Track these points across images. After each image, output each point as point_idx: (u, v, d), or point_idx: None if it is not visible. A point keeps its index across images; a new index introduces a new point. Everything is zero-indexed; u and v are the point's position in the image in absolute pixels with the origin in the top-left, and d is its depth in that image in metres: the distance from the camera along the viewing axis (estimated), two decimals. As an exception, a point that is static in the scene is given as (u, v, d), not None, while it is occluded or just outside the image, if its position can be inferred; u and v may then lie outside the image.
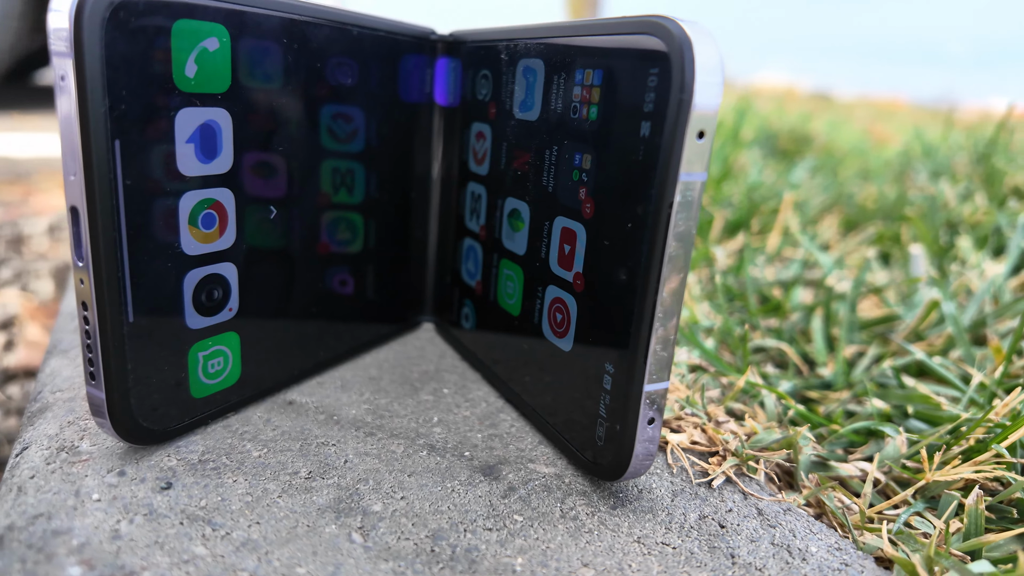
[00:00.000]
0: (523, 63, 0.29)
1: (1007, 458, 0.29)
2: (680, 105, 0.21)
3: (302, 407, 0.31)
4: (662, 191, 0.22)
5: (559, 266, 0.28)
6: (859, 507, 0.28)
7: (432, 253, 0.40)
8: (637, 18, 0.23)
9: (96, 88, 0.21)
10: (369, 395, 0.33)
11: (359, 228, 0.34)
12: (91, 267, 0.23)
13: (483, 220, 0.34)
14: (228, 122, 0.26)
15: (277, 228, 0.30)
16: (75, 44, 0.21)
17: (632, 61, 0.23)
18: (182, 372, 0.27)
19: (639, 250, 0.23)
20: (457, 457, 0.28)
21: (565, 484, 0.27)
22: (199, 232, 0.26)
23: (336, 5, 0.31)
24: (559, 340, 0.28)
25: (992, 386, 0.38)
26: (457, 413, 0.32)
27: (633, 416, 0.24)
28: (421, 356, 0.38)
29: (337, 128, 0.32)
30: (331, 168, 0.32)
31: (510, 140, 0.31)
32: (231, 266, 0.28)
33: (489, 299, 0.34)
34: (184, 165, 0.25)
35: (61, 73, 0.21)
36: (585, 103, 0.26)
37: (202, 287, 0.27)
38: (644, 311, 0.23)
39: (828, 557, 0.25)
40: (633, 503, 0.26)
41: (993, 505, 0.29)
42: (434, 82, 0.37)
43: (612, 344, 0.25)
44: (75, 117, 0.21)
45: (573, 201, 0.27)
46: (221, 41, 0.25)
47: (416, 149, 0.37)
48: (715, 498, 0.27)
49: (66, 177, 0.22)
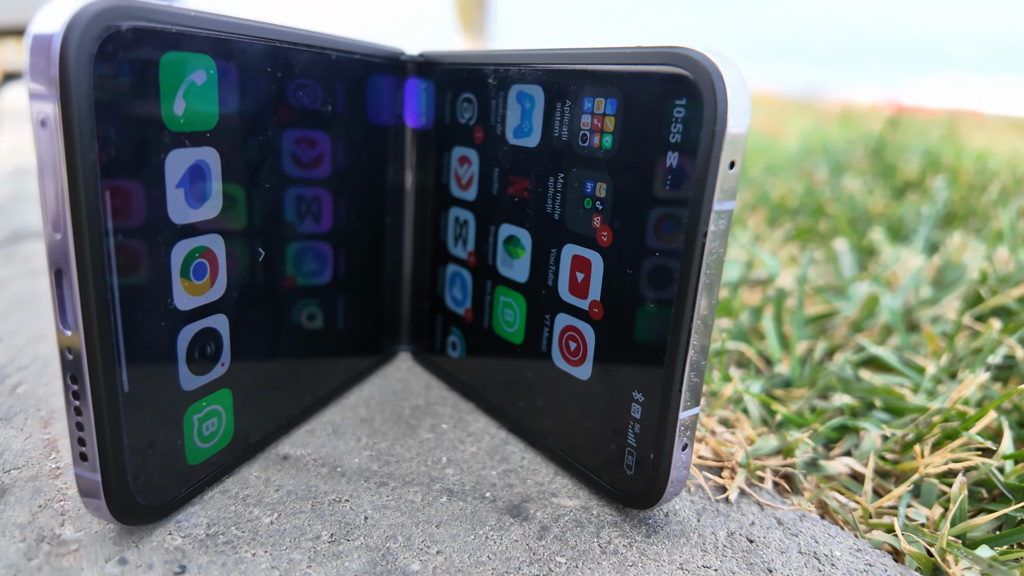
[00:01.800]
0: (516, 89, 0.29)
1: (980, 443, 0.32)
2: (714, 137, 0.21)
3: (299, 461, 0.29)
4: (696, 221, 0.22)
5: (571, 294, 0.28)
6: (862, 505, 0.30)
7: (407, 279, 0.38)
8: (659, 49, 0.22)
9: (85, 133, 0.19)
10: (367, 439, 0.31)
11: (342, 258, 0.32)
12: (82, 335, 0.20)
13: (471, 246, 0.33)
14: (217, 161, 0.24)
15: (264, 270, 0.27)
16: (62, 84, 0.18)
17: (655, 92, 0.23)
18: (178, 439, 0.24)
19: (671, 278, 0.23)
20: (479, 500, 0.27)
21: (595, 516, 0.27)
22: (191, 284, 0.24)
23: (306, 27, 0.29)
24: (574, 369, 0.28)
25: (939, 373, 0.41)
26: (464, 450, 0.31)
27: (669, 444, 0.24)
28: (407, 389, 0.36)
29: (302, 155, 0.30)
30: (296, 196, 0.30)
31: (503, 166, 0.30)
32: (223, 317, 0.25)
33: (483, 327, 0.33)
34: (175, 212, 0.22)
35: (42, 117, 0.18)
36: (596, 131, 0.25)
37: (195, 344, 0.24)
38: (679, 339, 0.23)
39: (853, 560, 0.26)
40: (665, 529, 0.26)
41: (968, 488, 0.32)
42: (404, 104, 0.35)
43: (641, 372, 0.25)
44: (62, 166, 0.18)
45: (586, 229, 0.26)
46: (208, 74, 0.23)
47: (389, 173, 0.35)
48: (736, 513, 0.28)
49: (49, 235, 0.19)
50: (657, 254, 0.24)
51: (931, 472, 0.31)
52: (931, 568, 0.26)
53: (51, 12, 0.18)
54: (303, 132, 0.29)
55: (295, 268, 0.29)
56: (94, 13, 0.18)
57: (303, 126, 0.28)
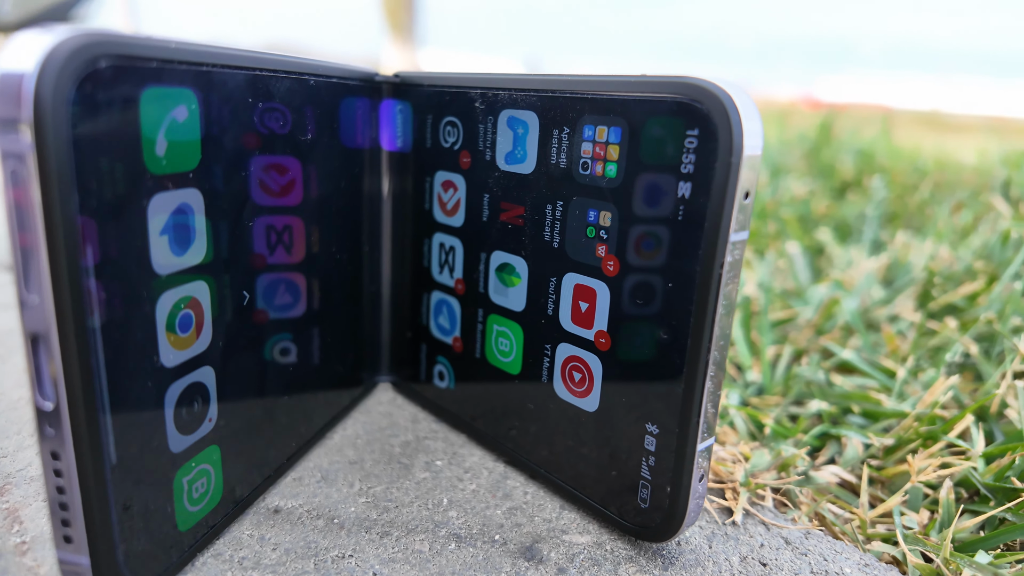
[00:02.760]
0: (507, 114, 0.28)
1: (962, 447, 0.33)
2: (730, 168, 0.21)
3: (292, 514, 0.27)
4: (712, 252, 0.22)
5: (574, 323, 0.27)
6: (859, 516, 0.30)
7: (386, 307, 0.37)
8: (670, 79, 0.22)
9: (65, 185, 0.17)
10: (360, 484, 0.29)
11: (317, 289, 0.31)
12: (66, 409, 0.18)
13: (460, 274, 0.32)
14: (200, 202, 0.22)
15: (247, 312, 0.26)
16: (37, 131, 0.16)
17: (665, 122, 0.22)
18: (168, 506, 0.22)
19: (686, 309, 0.23)
20: (489, 544, 0.26)
21: (609, 553, 0.26)
22: (176, 338, 0.22)
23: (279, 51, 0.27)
24: (580, 400, 0.27)
25: (908, 376, 0.42)
26: (463, 488, 0.29)
27: (687, 477, 0.24)
28: (393, 424, 0.35)
29: (271, 183, 0.28)
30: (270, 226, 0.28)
31: (494, 192, 0.29)
32: (209, 370, 0.23)
33: (474, 356, 0.32)
34: (159, 263, 0.20)
35: (13, 168, 0.16)
36: (599, 160, 0.25)
37: (183, 401, 0.22)
38: (696, 371, 0.23)
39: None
40: (680, 559, 0.26)
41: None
42: (379, 126, 0.34)
43: (655, 404, 0.24)
44: (39, 224, 0.16)
45: (589, 258, 0.26)
46: (190, 109, 0.21)
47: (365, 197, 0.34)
48: (744, 535, 0.28)
49: (23, 297, 0.17)
50: (670, 285, 0.23)
51: (923, 479, 0.32)
52: (935, 578, 0.27)
53: (20, 47, 0.16)
54: (275, 159, 0.27)
55: (276, 305, 0.28)
56: (72, 49, 0.16)
57: (276, 153, 0.27)
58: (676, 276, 0.23)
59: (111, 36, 0.17)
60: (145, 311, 0.20)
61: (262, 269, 0.26)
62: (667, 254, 0.23)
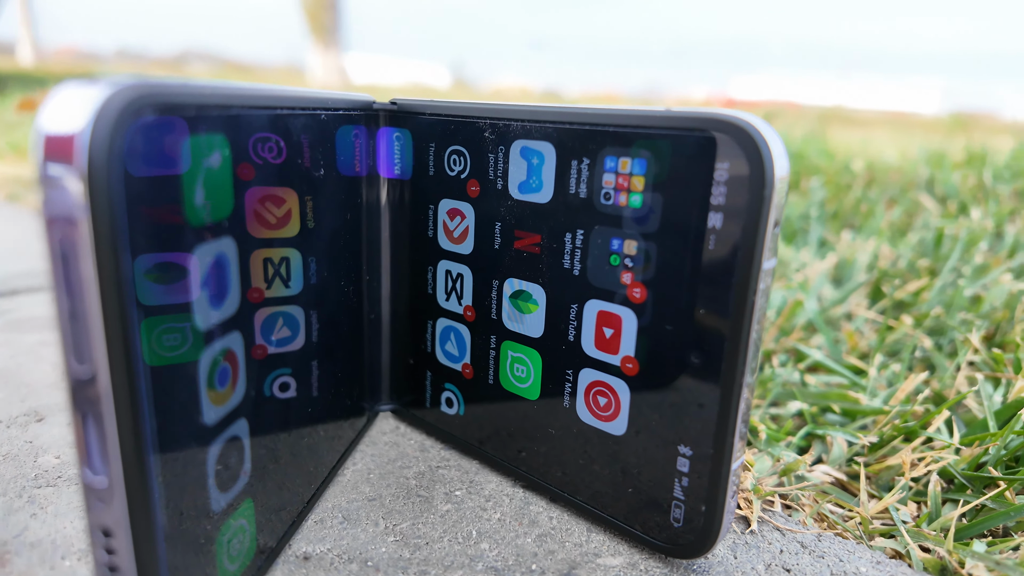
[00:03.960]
0: (520, 144, 0.28)
1: (945, 442, 0.35)
2: (762, 201, 0.22)
3: (323, 559, 0.26)
4: (746, 281, 0.23)
5: (598, 349, 0.27)
6: (860, 514, 0.32)
7: (386, 335, 0.36)
8: (699, 113, 0.23)
9: (121, 251, 0.16)
10: (384, 523, 0.29)
11: (327, 322, 0.30)
12: (121, 483, 0.17)
13: (469, 300, 0.32)
14: (234, 251, 0.21)
15: (275, 357, 0.25)
16: (92, 195, 0.15)
17: (693, 155, 0.23)
18: (211, 568, 0.21)
19: (719, 334, 0.23)
20: (527, 574, 0.26)
21: (644, 572, 0.27)
22: (216, 394, 0.21)
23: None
24: (606, 424, 0.28)
25: (878, 375, 0.45)
26: (489, 518, 0.29)
27: (722, 496, 0.25)
28: (402, 455, 0.34)
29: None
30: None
31: (506, 220, 0.29)
32: (244, 422, 0.22)
33: (487, 382, 0.32)
34: (201, 318, 0.19)
35: (63, 236, 0.15)
36: (622, 190, 0.25)
37: (222, 459, 0.21)
38: (731, 394, 0.24)
39: (878, 574, 0.28)
40: (713, 571, 0.27)
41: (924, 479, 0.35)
42: (377, 154, 0.33)
43: (687, 426, 0.25)
44: (94, 295, 0.15)
45: (614, 285, 0.26)
46: (223, 155, 0.20)
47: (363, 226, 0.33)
48: (763, 543, 0.29)
49: (73, 370, 0.16)
50: (702, 311, 0.24)
51: (916, 475, 0.34)
52: (939, 569, 0.28)
53: (67, 102, 0.15)
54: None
55: (290, 340, 0.27)
56: (126, 101, 0.15)
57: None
58: (708, 302, 0.24)
59: (160, 84, 0.16)
60: (189, 371, 0.19)
61: (266, 304, 0.25)
62: (698, 281, 0.24)
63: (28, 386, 0.39)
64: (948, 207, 0.78)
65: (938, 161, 0.99)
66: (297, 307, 0.29)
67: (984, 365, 0.47)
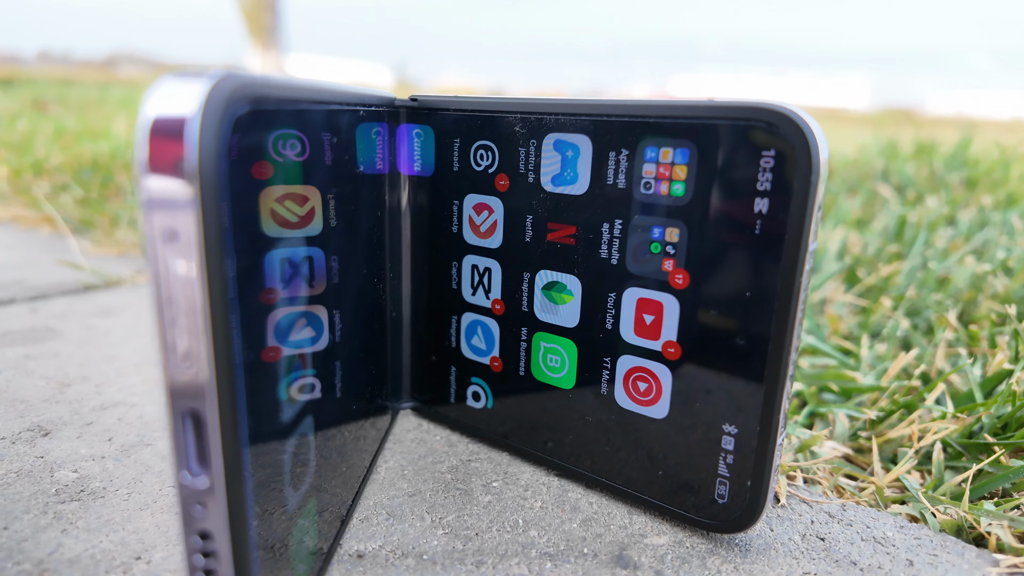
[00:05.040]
0: (553, 137, 0.28)
1: (944, 411, 0.37)
2: (809, 185, 0.23)
3: (377, 557, 0.26)
4: (793, 263, 0.24)
5: (638, 336, 0.28)
6: (875, 484, 0.34)
7: (407, 332, 0.36)
8: (745, 103, 0.24)
9: (225, 244, 0.15)
10: (430, 517, 0.29)
11: (372, 316, 0.30)
12: (223, 480, 0.16)
13: (498, 294, 0.32)
14: (303, 244, 0.21)
15: (331, 352, 0.24)
16: (203, 184, 0.15)
17: (740, 143, 0.24)
18: (286, 570, 0.21)
19: (767, 316, 0.24)
20: (582, 558, 0.27)
21: (691, 548, 0.28)
22: (292, 393, 0.20)
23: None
24: (645, 409, 0.29)
25: (870, 355, 0.47)
26: (531, 506, 0.30)
27: (768, 471, 0.26)
28: (431, 451, 0.34)
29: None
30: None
31: (539, 213, 0.30)
32: (311, 420, 0.22)
33: (518, 374, 0.32)
34: (280, 317, 0.19)
35: (170, 227, 0.15)
36: (663, 179, 0.26)
37: (295, 458, 0.21)
38: (778, 374, 0.25)
39: (904, 537, 0.29)
40: (754, 545, 0.28)
41: (926, 450, 0.37)
42: (397, 151, 0.33)
43: (732, 406, 0.26)
44: (201, 290, 0.15)
45: (655, 272, 0.27)
46: (295, 151, 0.20)
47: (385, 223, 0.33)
48: (793, 515, 0.30)
49: (175, 371, 0.16)
50: (748, 294, 0.25)
51: (919, 445, 0.36)
52: (955, 529, 0.30)
53: (173, 87, 0.15)
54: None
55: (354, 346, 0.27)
56: (234, 88, 0.15)
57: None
58: (756, 284, 0.25)
59: (259, 76, 0.16)
60: (273, 370, 0.19)
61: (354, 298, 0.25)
62: (744, 265, 0.25)
63: (24, 401, 0.37)
64: (907, 196, 0.82)
65: (893, 153, 1.05)
66: (343, 304, 0.29)
67: (959, 342, 0.50)
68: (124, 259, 0.69)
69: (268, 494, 0.19)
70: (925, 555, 0.28)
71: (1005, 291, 0.57)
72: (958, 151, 0.99)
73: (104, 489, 0.30)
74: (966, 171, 0.92)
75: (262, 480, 0.18)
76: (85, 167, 1.00)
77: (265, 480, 0.19)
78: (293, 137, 0.25)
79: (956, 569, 0.27)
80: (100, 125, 1.42)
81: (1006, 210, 0.78)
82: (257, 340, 0.18)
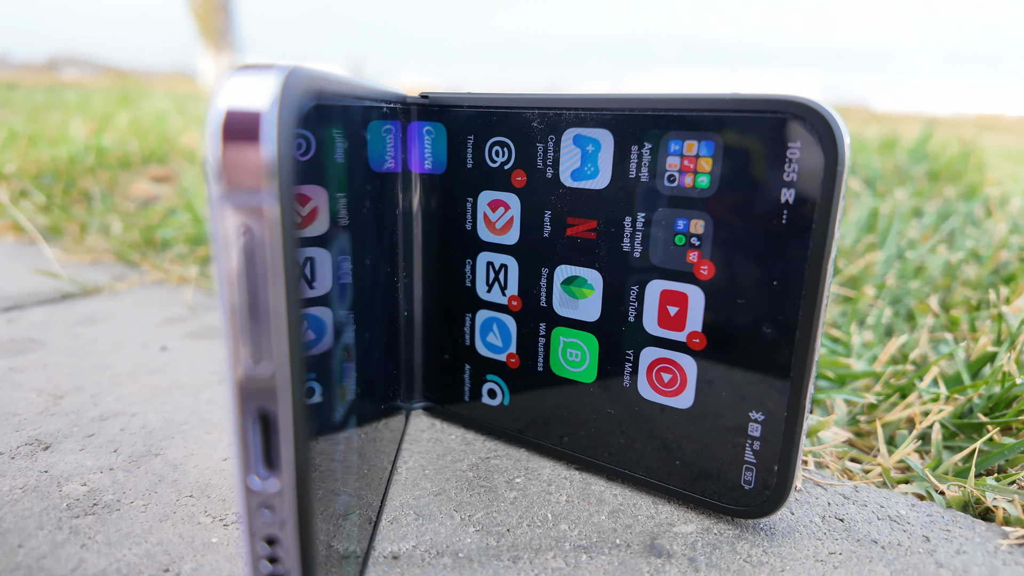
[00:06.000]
0: (572, 132, 0.29)
1: (936, 393, 0.39)
2: (835, 176, 0.23)
3: (412, 557, 0.26)
4: (821, 250, 0.24)
5: (662, 327, 0.29)
6: (882, 466, 0.35)
7: (419, 332, 0.36)
8: (771, 97, 0.24)
9: (298, 237, 0.15)
10: (458, 515, 0.29)
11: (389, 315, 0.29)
12: (293, 483, 0.16)
13: (514, 290, 0.32)
14: (349, 239, 0.20)
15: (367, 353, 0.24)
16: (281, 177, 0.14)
17: (767, 136, 0.24)
18: (337, 573, 0.20)
19: (794, 304, 0.25)
20: (615, 549, 0.27)
21: (719, 535, 0.28)
22: (342, 391, 0.20)
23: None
24: (670, 399, 0.29)
25: (860, 343, 0.49)
26: (557, 500, 0.30)
27: (795, 455, 0.26)
28: (448, 450, 0.34)
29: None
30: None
31: (558, 208, 0.30)
32: (355, 419, 0.22)
33: (536, 370, 0.33)
34: (336, 312, 0.19)
35: (243, 223, 0.15)
36: (688, 172, 0.26)
37: (345, 457, 0.21)
38: (806, 360, 0.25)
39: (917, 515, 0.30)
40: (779, 528, 0.29)
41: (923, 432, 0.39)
42: (408, 149, 0.33)
43: (759, 393, 0.27)
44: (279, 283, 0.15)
45: (679, 264, 0.27)
46: (341, 148, 0.19)
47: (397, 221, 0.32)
48: (810, 498, 0.31)
49: (248, 371, 0.15)
50: (775, 283, 0.25)
51: (925, 425, 0.37)
52: (962, 505, 0.32)
53: (244, 80, 0.14)
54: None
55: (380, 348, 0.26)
56: (305, 80, 0.15)
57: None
58: (782, 274, 0.25)
59: (322, 73, 0.16)
60: (330, 368, 0.19)
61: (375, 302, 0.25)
62: (772, 254, 0.25)
63: (17, 415, 0.36)
64: (877, 188, 0.85)
65: (860, 146, 1.08)
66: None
67: (939, 327, 0.52)
68: (99, 266, 0.67)
69: (324, 496, 0.19)
70: (939, 531, 0.29)
71: (977, 277, 0.60)
72: (919, 145, 1.03)
73: (118, 501, 0.29)
74: (928, 164, 0.96)
75: (319, 483, 0.18)
76: (45, 172, 0.96)
77: (321, 485, 0.18)
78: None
79: (970, 543, 0.28)
80: (55, 129, 1.37)
81: (968, 200, 0.81)
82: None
